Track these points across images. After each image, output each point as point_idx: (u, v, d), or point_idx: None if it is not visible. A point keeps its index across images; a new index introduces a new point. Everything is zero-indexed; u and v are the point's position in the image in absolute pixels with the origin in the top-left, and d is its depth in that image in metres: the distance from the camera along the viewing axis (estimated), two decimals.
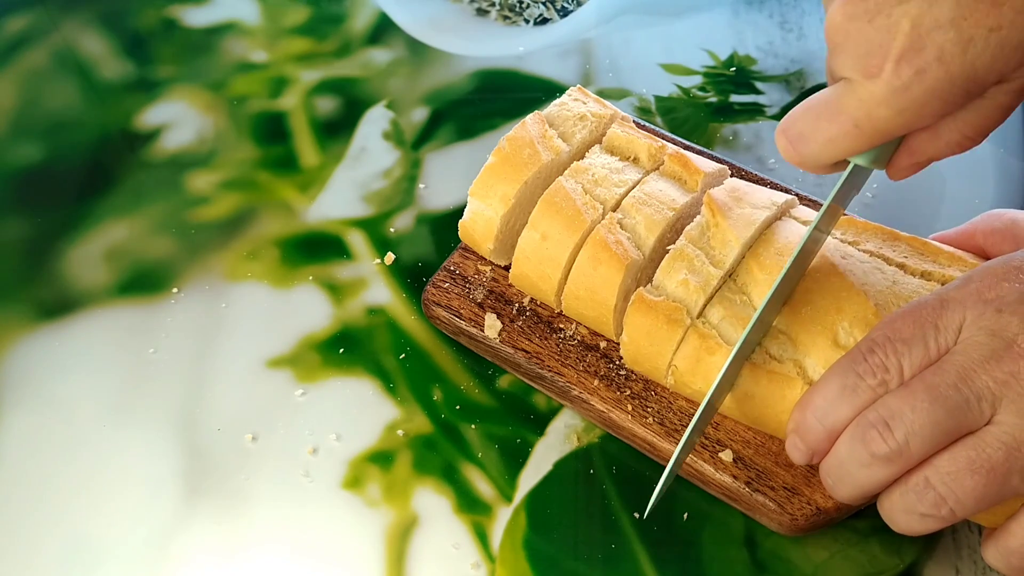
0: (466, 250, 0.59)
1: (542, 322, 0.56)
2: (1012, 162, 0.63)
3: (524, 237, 0.54)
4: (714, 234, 0.51)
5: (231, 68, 0.73)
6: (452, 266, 0.58)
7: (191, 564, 0.52)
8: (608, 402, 0.53)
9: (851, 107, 0.40)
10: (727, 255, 0.51)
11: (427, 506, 0.53)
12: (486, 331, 0.56)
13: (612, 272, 0.51)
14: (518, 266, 0.55)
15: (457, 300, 0.57)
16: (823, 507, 0.49)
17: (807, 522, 0.49)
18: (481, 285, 0.57)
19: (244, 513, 0.54)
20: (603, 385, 0.53)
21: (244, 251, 0.63)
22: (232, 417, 0.56)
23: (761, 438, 0.51)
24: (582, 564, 0.51)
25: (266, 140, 0.69)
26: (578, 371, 0.54)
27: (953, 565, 0.50)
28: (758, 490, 0.50)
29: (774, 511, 0.49)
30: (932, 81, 0.38)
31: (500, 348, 0.55)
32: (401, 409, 0.57)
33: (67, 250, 0.64)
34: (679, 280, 0.50)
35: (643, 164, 0.55)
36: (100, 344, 0.60)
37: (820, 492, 0.49)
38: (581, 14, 0.75)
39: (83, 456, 0.56)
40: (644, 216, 0.52)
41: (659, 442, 0.52)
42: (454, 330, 0.57)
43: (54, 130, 0.70)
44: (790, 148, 0.43)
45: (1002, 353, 0.41)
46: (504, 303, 0.57)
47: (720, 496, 0.51)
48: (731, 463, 0.51)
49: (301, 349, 0.59)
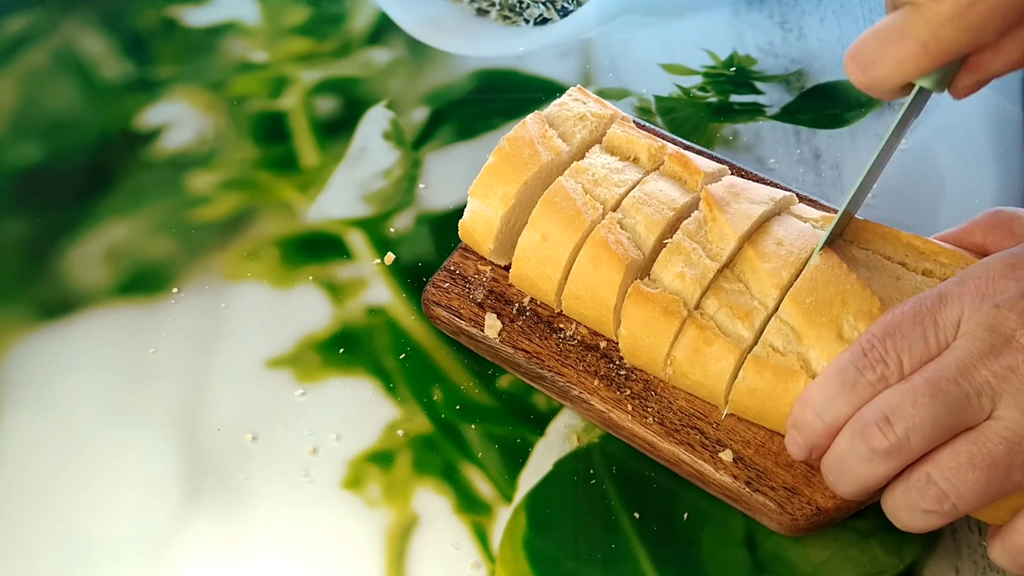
0: (466, 250, 0.59)
1: (542, 322, 0.56)
2: (1012, 161, 0.63)
3: (524, 237, 0.54)
4: (711, 228, 0.51)
5: (231, 68, 0.73)
6: (452, 266, 0.58)
7: (191, 564, 0.52)
8: (608, 402, 0.53)
9: (918, 28, 0.41)
10: (724, 248, 0.51)
11: (427, 506, 0.53)
12: (486, 331, 0.56)
13: (612, 272, 0.51)
14: (518, 266, 0.55)
15: (457, 300, 0.57)
16: (823, 507, 0.49)
17: (807, 522, 0.49)
18: (481, 285, 0.57)
19: (244, 513, 0.54)
20: (603, 385, 0.53)
21: (244, 251, 0.63)
22: (232, 417, 0.56)
23: (761, 438, 0.51)
24: (582, 564, 0.51)
25: (266, 140, 0.69)
26: (578, 371, 0.54)
27: (953, 565, 0.50)
28: (758, 490, 0.50)
29: (774, 511, 0.49)
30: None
31: (500, 348, 0.55)
32: (401, 409, 0.57)
33: (67, 250, 0.64)
34: (675, 273, 0.50)
35: (643, 164, 0.55)
36: (100, 344, 0.60)
37: (820, 492, 0.49)
38: (581, 14, 0.75)
39: (83, 456, 0.56)
40: (644, 216, 0.52)
41: (659, 442, 0.52)
42: (454, 330, 0.57)
43: (54, 130, 0.70)
44: (859, 73, 0.44)
45: (1001, 348, 0.42)
46: (504, 303, 0.57)
47: (720, 496, 0.51)
48: (731, 463, 0.51)
49: (301, 349, 0.59)
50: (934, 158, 0.64)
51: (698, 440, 0.51)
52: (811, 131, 0.66)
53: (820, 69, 0.69)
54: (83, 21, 0.74)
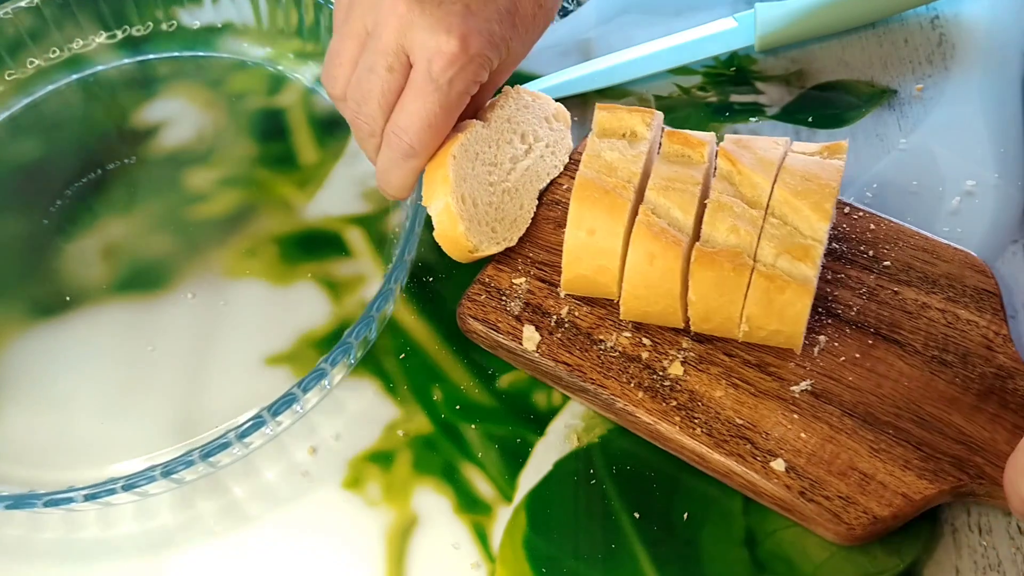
0: (499, 263, 0.58)
1: (581, 333, 0.55)
2: (1012, 161, 0.63)
3: (569, 240, 0.53)
4: (740, 181, 0.52)
5: (230, 65, 0.72)
6: (486, 279, 0.57)
7: (190, 563, 0.52)
8: (654, 414, 0.52)
9: None
10: (760, 195, 0.52)
11: (427, 506, 0.53)
12: (524, 343, 0.55)
13: (670, 260, 0.51)
14: (570, 270, 0.54)
15: (494, 313, 0.56)
16: (880, 516, 0.48)
17: (864, 531, 0.48)
18: (517, 297, 0.57)
19: (244, 513, 0.54)
20: (648, 397, 0.53)
21: (243, 248, 0.63)
22: (231, 415, 0.56)
23: (813, 447, 0.50)
24: (582, 564, 0.51)
25: (265, 137, 0.69)
26: (621, 383, 0.53)
27: (953, 565, 0.50)
28: (812, 500, 0.49)
29: (830, 521, 0.48)
30: None
31: (540, 361, 0.55)
32: (401, 409, 0.56)
33: (65, 247, 0.64)
34: (728, 227, 0.51)
35: (643, 135, 0.56)
36: (98, 341, 0.60)
37: (876, 500, 0.49)
38: (581, 14, 0.75)
39: (81, 454, 0.55)
40: (675, 200, 0.52)
41: (709, 454, 0.51)
42: (491, 344, 0.56)
43: (52, 127, 0.70)
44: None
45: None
46: (542, 315, 0.56)
47: (772, 507, 0.51)
48: (783, 473, 0.50)
49: (300, 347, 0.59)
50: (934, 158, 0.63)
51: (748, 450, 0.51)
52: (811, 131, 0.66)
53: (820, 69, 0.69)
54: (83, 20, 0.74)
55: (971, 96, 0.67)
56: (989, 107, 0.66)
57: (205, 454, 0.51)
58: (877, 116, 0.66)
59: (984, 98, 0.66)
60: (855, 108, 0.67)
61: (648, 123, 0.56)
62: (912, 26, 0.71)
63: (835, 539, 0.49)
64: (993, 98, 0.66)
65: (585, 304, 0.56)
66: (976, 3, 0.71)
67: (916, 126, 0.65)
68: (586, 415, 0.56)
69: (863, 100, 0.67)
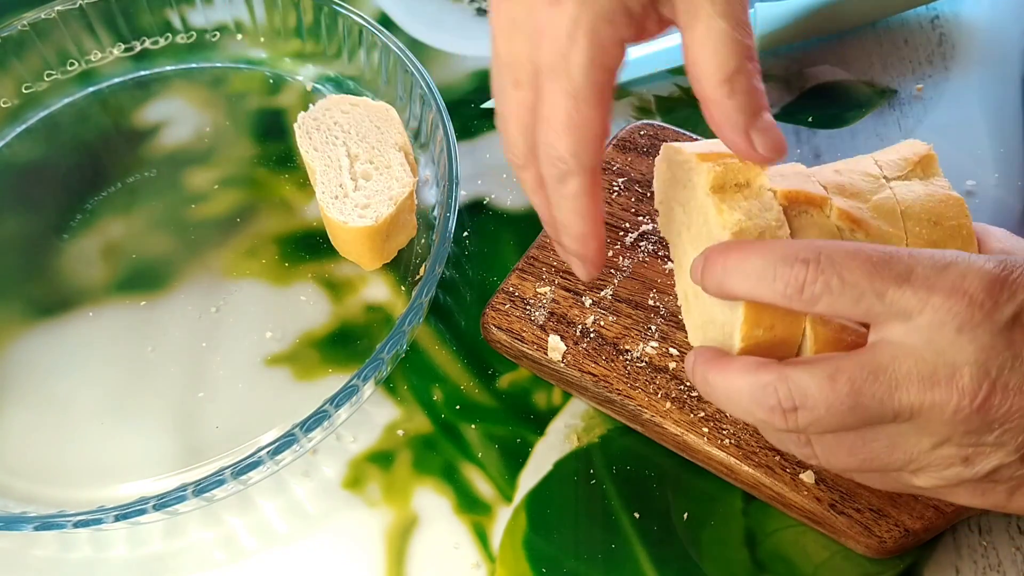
0: (523, 271, 0.57)
1: (607, 343, 0.54)
2: (1012, 161, 0.63)
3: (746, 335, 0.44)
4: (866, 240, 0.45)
5: (230, 65, 0.72)
6: (510, 288, 0.57)
7: (190, 564, 0.52)
8: (682, 425, 0.52)
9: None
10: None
11: (427, 506, 0.53)
12: (549, 353, 0.54)
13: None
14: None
15: (518, 323, 0.56)
16: (911, 528, 0.48)
17: (895, 544, 0.48)
18: (542, 307, 0.56)
19: (243, 513, 0.54)
20: (675, 408, 0.52)
21: (243, 248, 0.63)
22: (230, 415, 0.56)
23: None
24: (582, 564, 0.51)
25: (265, 137, 0.69)
26: (648, 393, 0.53)
27: (953, 565, 0.50)
28: (843, 512, 0.48)
29: (860, 533, 0.48)
30: None
31: (566, 372, 0.54)
32: (401, 409, 0.56)
33: (65, 247, 0.64)
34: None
35: (760, 185, 0.46)
36: (98, 342, 0.60)
37: (907, 513, 0.48)
38: None
39: (81, 454, 0.55)
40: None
41: (738, 465, 0.50)
42: (516, 354, 0.56)
43: (52, 127, 0.70)
44: None
45: (940, 380, 0.38)
46: (567, 325, 0.55)
47: (802, 519, 0.50)
48: (813, 484, 0.49)
49: (300, 347, 0.59)
50: None
51: (777, 462, 0.50)
52: (811, 131, 0.66)
53: (820, 69, 0.69)
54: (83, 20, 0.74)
55: (971, 96, 0.67)
56: (989, 107, 0.66)
57: (236, 472, 0.50)
58: (877, 116, 0.66)
59: (984, 98, 0.67)
60: (855, 108, 0.67)
61: (762, 170, 0.46)
62: (912, 26, 0.71)
63: (866, 552, 0.49)
64: (993, 98, 0.66)
65: (611, 314, 0.55)
66: (976, 3, 0.71)
67: (916, 126, 0.65)
68: (586, 415, 0.56)
69: (863, 100, 0.67)
